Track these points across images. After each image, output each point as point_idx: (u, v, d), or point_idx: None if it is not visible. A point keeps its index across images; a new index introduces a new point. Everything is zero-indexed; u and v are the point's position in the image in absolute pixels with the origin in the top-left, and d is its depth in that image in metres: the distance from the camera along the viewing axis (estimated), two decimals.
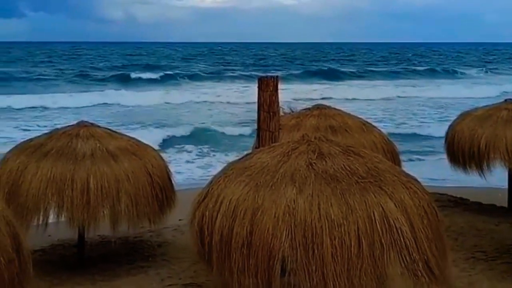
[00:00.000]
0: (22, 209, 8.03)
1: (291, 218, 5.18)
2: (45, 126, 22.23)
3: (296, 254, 5.07)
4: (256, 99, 7.62)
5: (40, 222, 8.25)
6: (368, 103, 33.72)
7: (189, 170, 16.69)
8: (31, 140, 9.10)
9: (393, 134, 16.95)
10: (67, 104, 32.15)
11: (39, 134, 9.41)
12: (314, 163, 5.70)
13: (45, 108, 31.23)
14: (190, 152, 19.59)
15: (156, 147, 11.02)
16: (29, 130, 23.07)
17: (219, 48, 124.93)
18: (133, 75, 50.83)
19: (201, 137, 22.22)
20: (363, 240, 5.10)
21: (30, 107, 31.03)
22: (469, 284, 7.85)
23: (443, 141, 12.20)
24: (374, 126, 10.94)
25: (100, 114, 28.28)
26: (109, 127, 9.68)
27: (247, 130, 21.64)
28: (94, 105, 32.51)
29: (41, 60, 72.17)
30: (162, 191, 8.83)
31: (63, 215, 8.18)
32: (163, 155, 9.98)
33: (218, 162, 16.51)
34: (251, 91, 7.80)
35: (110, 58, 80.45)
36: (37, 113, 29.69)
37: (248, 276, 5.21)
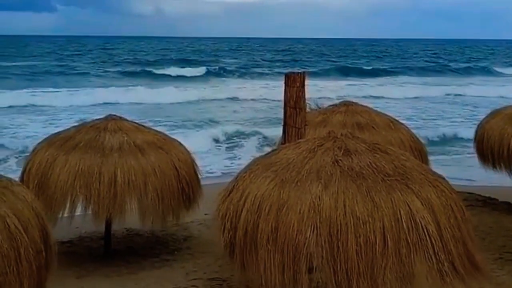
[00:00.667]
0: (50, 201, 8.14)
1: (316, 214, 5.17)
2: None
3: (321, 251, 5.06)
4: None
5: (68, 214, 8.36)
6: (396, 101, 33.27)
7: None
8: (60, 133, 9.21)
9: (421, 132, 16.73)
10: (109, 99, 31.14)
11: (68, 127, 9.52)
12: (340, 160, 5.67)
13: (84, 106, 29.48)
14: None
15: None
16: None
17: (249, 43, 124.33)
18: (170, 70, 49.91)
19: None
20: (389, 238, 5.07)
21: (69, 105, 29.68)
22: (496, 285, 7.74)
23: (471, 140, 12.06)
24: (401, 124, 10.83)
25: (142, 111, 27.14)
26: (136, 121, 9.75)
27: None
28: (132, 103, 30.84)
29: (77, 54, 72.25)
30: (188, 185, 8.88)
31: (90, 208, 8.27)
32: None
33: None
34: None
35: (145, 52, 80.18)
36: (71, 111, 28.38)
37: (273, 272, 5.21)
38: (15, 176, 8.21)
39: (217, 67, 54.22)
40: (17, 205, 4.90)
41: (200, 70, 50.71)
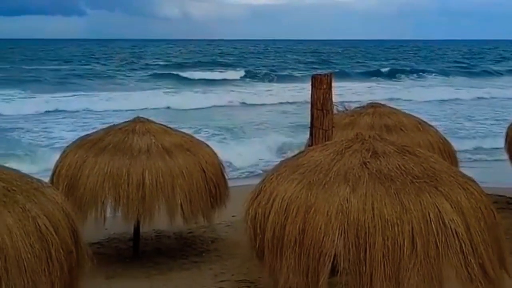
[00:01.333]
0: (80, 202, 8.24)
1: (344, 217, 5.15)
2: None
3: (348, 253, 5.04)
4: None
5: (97, 215, 8.44)
6: (425, 103, 32.90)
7: None
8: (89, 135, 9.32)
9: (450, 134, 16.52)
10: (158, 105, 30.17)
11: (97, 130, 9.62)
12: (368, 162, 5.65)
13: (122, 110, 27.90)
14: None
15: None
16: None
17: (275, 45, 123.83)
18: (207, 74, 48.42)
19: None
20: (417, 241, 5.02)
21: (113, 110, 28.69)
22: None
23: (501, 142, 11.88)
24: (430, 125, 10.72)
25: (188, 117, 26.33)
26: (163, 123, 9.82)
27: None
28: (176, 109, 29.84)
29: (107, 57, 72.40)
30: (216, 187, 8.92)
31: (119, 209, 8.34)
32: None
33: None
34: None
35: (176, 55, 79.78)
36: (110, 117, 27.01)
37: (298, 275, 5.21)
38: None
39: (256, 70, 52.81)
40: (48, 206, 4.97)
41: (238, 73, 49.45)
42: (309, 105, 7.69)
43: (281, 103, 32.99)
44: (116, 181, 8.33)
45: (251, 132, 22.69)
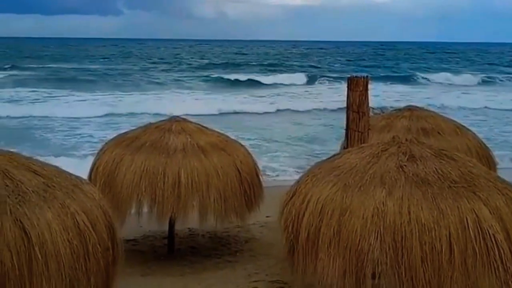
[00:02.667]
0: (116, 199, 8.32)
1: (380, 220, 5.13)
2: None
3: (385, 257, 5.01)
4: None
5: (133, 212, 8.54)
6: (463, 109, 32.03)
7: None
8: (126, 133, 9.43)
9: (488, 140, 16.15)
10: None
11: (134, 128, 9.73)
12: (405, 165, 5.60)
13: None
14: None
15: None
16: None
17: (314, 47, 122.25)
18: (262, 78, 45.58)
19: None
20: (455, 247, 4.97)
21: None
22: None
23: None
24: (468, 130, 10.56)
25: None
26: (200, 123, 9.88)
27: None
28: (242, 112, 28.45)
29: (146, 58, 71.97)
30: (250, 187, 8.93)
31: (155, 207, 8.42)
32: None
33: None
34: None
35: (218, 56, 78.75)
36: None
37: (334, 277, 5.19)
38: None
39: (315, 73, 50.23)
40: (86, 203, 5.05)
41: (299, 77, 46.49)
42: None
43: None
44: (152, 179, 8.41)
45: None
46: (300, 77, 46.82)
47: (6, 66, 49.87)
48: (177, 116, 9.62)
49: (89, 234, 4.76)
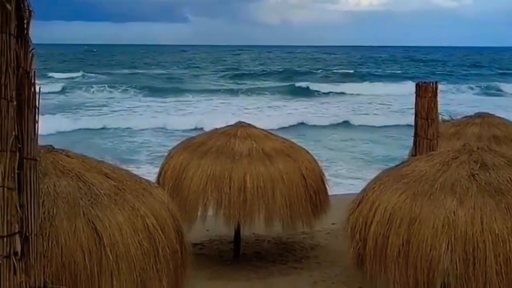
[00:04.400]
0: (184, 203, 8.43)
1: (450, 230, 5.01)
2: None
3: (456, 268, 4.88)
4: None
5: (200, 217, 8.63)
6: None
7: None
8: (193, 138, 9.56)
9: None
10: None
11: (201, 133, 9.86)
12: (477, 174, 5.46)
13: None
14: None
15: None
16: None
17: (387, 52, 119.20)
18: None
19: None
20: None
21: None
22: None
23: None
24: None
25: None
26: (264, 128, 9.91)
27: None
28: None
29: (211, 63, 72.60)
30: (316, 194, 8.89)
31: (221, 211, 8.49)
32: None
33: None
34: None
35: (297, 63, 77.47)
36: None
37: (404, 287, 5.09)
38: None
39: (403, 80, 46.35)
40: (155, 206, 5.13)
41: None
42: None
43: None
44: (218, 184, 8.50)
45: None
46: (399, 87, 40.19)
47: (78, 73, 51.38)
48: (243, 122, 9.68)
49: (158, 237, 4.84)
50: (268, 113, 30.82)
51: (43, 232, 3.78)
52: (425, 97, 7.49)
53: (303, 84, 44.11)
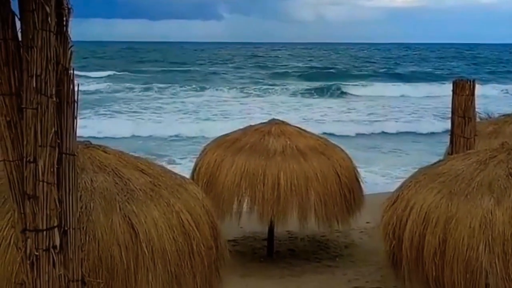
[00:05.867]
0: (218, 199, 8.47)
1: (488, 230, 4.93)
2: None
3: (495, 268, 4.80)
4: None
5: (234, 213, 8.66)
6: None
7: None
8: (227, 135, 9.59)
9: None
10: None
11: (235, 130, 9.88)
12: None
13: None
14: None
15: None
16: None
17: (422, 48, 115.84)
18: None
19: None
20: None
21: None
22: None
23: None
24: None
25: None
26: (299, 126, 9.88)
27: None
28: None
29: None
30: (350, 192, 8.84)
31: (254, 208, 8.51)
32: None
33: None
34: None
35: (344, 61, 75.62)
36: None
37: (441, 287, 5.03)
38: None
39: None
40: (189, 202, 5.16)
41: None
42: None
43: None
44: (252, 180, 8.52)
45: None
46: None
47: (112, 71, 51.84)
48: (277, 119, 9.68)
49: (193, 233, 4.86)
50: (303, 113, 29.31)
51: (81, 226, 3.84)
52: (462, 95, 7.39)
53: (341, 84, 42.40)
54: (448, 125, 6.97)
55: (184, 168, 10.80)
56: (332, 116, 28.46)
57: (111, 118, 27.17)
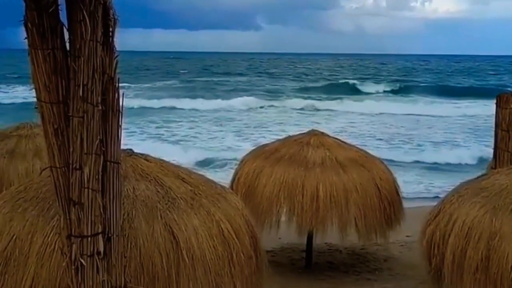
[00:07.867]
0: (256, 209, 8.47)
1: None
2: None
3: None
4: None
5: (272, 224, 8.65)
6: None
7: None
8: (266, 145, 9.62)
9: None
10: None
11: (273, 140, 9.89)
12: None
13: None
14: None
15: None
16: None
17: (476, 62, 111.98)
18: None
19: None
20: None
21: None
22: None
23: None
24: None
25: None
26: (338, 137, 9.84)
27: None
28: None
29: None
30: (390, 205, 8.76)
31: (293, 219, 8.49)
32: None
33: None
34: None
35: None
36: None
37: None
38: None
39: None
40: (229, 211, 5.18)
41: None
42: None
43: None
44: (291, 191, 8.51)
45: None
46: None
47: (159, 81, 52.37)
48: (316, 130, 9.66)
49: (233, 242, 4.87)
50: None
51: (123, 233, 3.88)
52: (507, 108, 7.25)
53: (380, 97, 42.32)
54: None
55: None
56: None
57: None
